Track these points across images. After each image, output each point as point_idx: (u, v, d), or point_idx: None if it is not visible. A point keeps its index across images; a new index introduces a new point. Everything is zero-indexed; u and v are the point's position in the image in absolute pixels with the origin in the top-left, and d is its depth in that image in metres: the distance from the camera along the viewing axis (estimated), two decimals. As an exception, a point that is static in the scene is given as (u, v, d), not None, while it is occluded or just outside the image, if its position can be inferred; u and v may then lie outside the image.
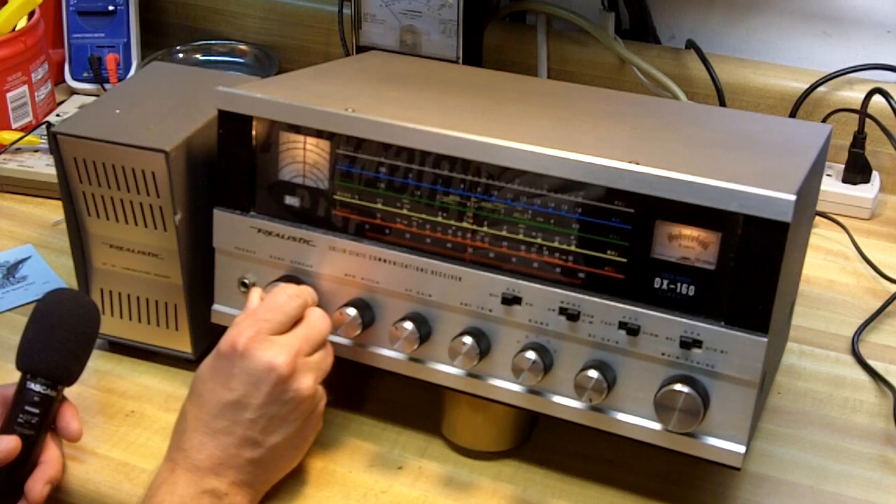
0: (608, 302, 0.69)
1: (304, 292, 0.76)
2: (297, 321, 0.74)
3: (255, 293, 0.77)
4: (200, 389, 0.72)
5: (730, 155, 0.75)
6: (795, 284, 0.87)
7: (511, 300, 0.72)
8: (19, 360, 0.75)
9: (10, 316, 0.95)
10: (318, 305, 0.77)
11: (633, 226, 0.68)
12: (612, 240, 0.69)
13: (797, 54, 1.22)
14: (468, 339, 0.72)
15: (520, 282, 0.72)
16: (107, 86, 1.35)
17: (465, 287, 0.73)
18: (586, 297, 0.70)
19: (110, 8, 1.37)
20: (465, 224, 0.73)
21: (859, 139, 1.13)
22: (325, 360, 0.75)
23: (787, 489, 0.77)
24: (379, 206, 0.75)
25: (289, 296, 0.74)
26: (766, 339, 0.66)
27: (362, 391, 0.86)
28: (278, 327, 0.73)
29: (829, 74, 1.15)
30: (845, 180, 1.14)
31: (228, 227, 0.80)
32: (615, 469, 0.78)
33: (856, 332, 0.94)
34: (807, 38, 1.21)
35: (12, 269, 1.02)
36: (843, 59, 1.19)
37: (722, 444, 0.69)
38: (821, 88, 1.16)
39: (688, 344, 0.67)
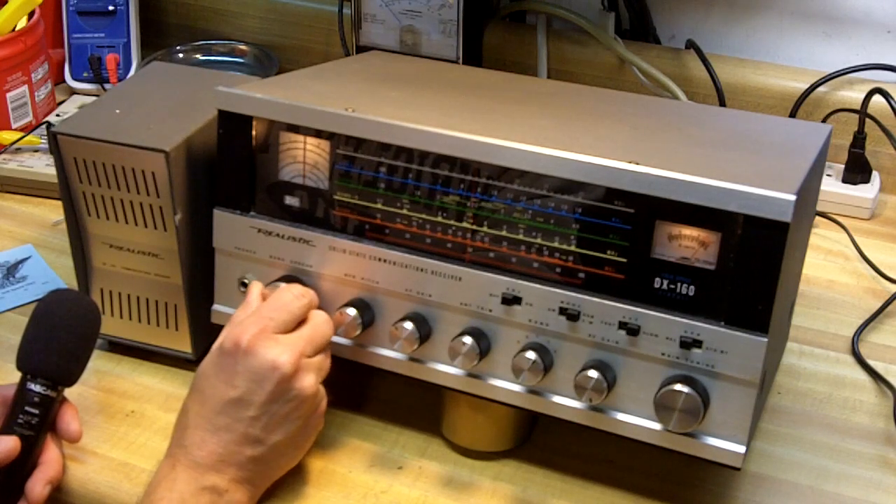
0: (608, 302, 0.69)
1: (309, 293, 0.76)
2: (300, 321, 0.74)
3: (256, 287, 0.77)
4: (203, 386, 0.72)
5: (730, 155, 0.75)
6: (795, 284, 0.87)
7: (511, 300, 0.72)
8: (19, 361, 0.75)
9: (10, 316, 0.95)
10: (319, 307, 0.77)
11: (633, 226, 0.68)
12: (612, 240, 0.69)
13: (797, 54, 1.22)
14: (468, 339, 0.72)
15: (520, 282, 0.72)
16: (107, 86, 1.35)
17: (465, 287, 0.73)
18: (586, 297, 0.70)
19: (110, 8, 1.37)
20: (464, 224, 0.73)
21: (859, 139, 1.13)
22: (325, 362, 0.75)
23: (787, 489, 0.77)
24: (379, 206, 0.75)
25: (294, 295, 0.74)
26: (766, 339, 0.66)
27: (362, 391, 0.86)
28: (283, 326, 0.73)
29: (829, 74, 1.15)
30: (845, 180, 1.14)
31: (228, 227, 0.80)
32: (615, 469, 0.78)
33: (856, 332, 0.94)
34: (807, 38, 1.21)
35: (12, 269, 1.02)
36: (843, 59, 1.19)
37: (722, 444, 0.69)
38: (821, 88, 1.16)
39: (688, 344, 0.67)
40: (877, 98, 1.09)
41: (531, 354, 0.71)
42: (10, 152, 1.17)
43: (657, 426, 0.70)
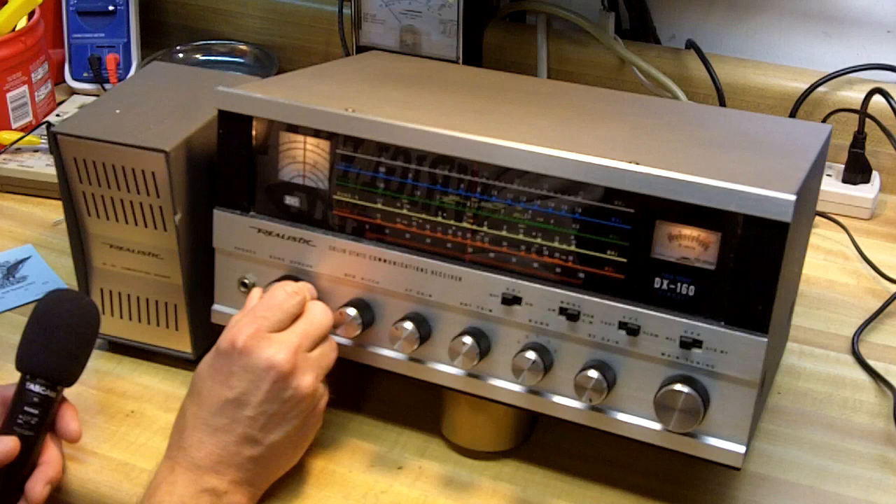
0: (608, 302, 0.69)
1: (303, 289, 0.76)
2: (296, 317, 0.74)
3: (256, 293, 0.77)
4: (200, 387, 0.72)
5: (730, 155, 0.75)
6: (795, 284, 0.87)
7: (511, 300, 0.72)
8: (19, 361, 0.75)
9: (10, 316, 0.95)
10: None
11: (633, 226, 0.68)
12: (611, 240, 0.69)
13: (797, 54, 1.22)
14: (468, 339, 0.72)
15: (520, 282, 0.72)
16: (107, 86, 1.35)
17: (465, 287, 0.73)
18: (586, 297, 0.70)
19: (110, 8, 1.37)
20: (464, 224, 0.73)
21: (859, 139, 1.13)
22: (326, 355, 0.75)
23: (787, 489, 0.77)
24: (379, 206, 0.75)
25: (287, 293, 0.74)
26: (766, 340, 0.66)
27: (362, 391, 0.86)
28: (277, 324, 0.73)
29: (829, 74, 1.15)
30: (845, 180, 1.14)
31: (228, 227, 0.80)
32: (615, 469, 0.78)
33: (856, 332, 0.94)
34: (807, 38, 1.21)
35: (12, 269, 1.02)
36: (843, 59, 1.19)
37: (722, 444, 0.69)
38: (821, 88, 1.16)
39: (688, 344, 0.67)
40: (877, 98, 1.09)
41: (531, 354, 0.71)
42: (10, 152, 1.17)
43: (657, 426, 0.70)
